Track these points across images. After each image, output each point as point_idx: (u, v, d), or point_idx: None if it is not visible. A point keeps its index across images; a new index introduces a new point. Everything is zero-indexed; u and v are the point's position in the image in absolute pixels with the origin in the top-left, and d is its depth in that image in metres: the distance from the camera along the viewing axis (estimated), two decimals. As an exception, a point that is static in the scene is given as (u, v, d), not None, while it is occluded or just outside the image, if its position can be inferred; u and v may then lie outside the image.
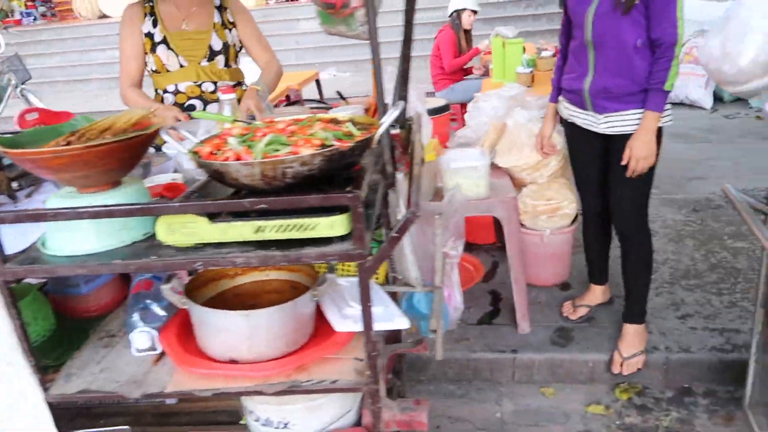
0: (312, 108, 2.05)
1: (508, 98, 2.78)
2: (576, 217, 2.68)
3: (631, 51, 2.04)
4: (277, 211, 1.14)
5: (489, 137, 2.64)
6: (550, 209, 2.63)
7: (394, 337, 1.81)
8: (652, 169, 2.14)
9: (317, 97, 6.23)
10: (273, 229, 1.14)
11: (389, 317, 1.47)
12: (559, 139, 2.46)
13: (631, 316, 2.34)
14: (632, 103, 2.10)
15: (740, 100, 5.49)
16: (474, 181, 2.29)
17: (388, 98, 1.71)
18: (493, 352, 2.41)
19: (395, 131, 1.86)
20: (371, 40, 1.59)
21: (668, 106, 2.10)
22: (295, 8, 10.15)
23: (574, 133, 2.31)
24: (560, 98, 2.32)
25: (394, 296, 1.75)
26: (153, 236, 1.19)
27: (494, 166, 2.61)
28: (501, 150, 2.62)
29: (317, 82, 5.95)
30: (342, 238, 1.16)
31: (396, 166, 1.96)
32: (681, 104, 5.66)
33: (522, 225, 2.73)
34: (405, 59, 1.62)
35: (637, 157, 2.09)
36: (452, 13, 5.38)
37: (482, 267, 2.70)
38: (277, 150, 1.10)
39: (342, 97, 2.75)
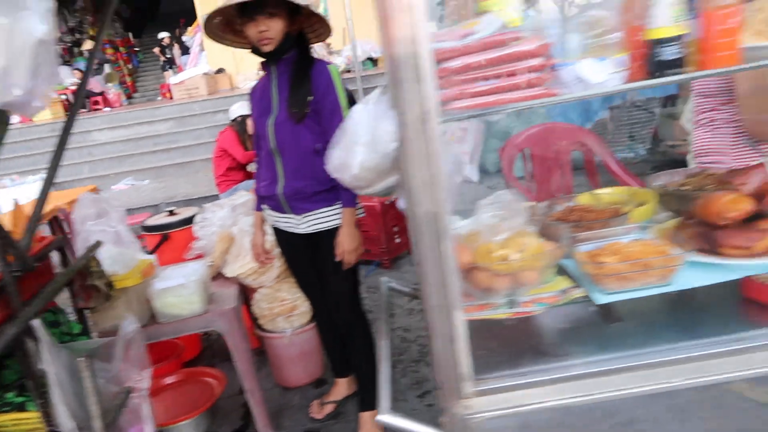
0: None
1: (237, 206, 2.82)
2: (316, 312, 2.72)
3: (311, 155, 2.19)
4: None
5: (217, 248, 2.64)
6: (287, 309, 2.65)
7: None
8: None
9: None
10: None
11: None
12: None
13: (366, 404, 2.39)
14: (324, 201, 2.23)
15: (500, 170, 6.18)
16: (186, 298, 2.24)
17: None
18: (235, 472, 2.30)
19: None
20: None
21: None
22: (87, 119, 9.76)
23: (281, 237, 2.39)
24: (263, 206, 2.40)
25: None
26: None
27: (223, 277, 2.60)
28: (229, 259, 2.62)
29: (96, 197, 5.62)
30: None
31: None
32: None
33: (263, 329, 2.72)
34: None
35: (347, 250, 2.21)
36: (236, 118, 5.54)
37: (224, 379, 2.62)
38: None
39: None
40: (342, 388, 2.62)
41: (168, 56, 14.43)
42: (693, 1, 0.99)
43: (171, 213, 3.54)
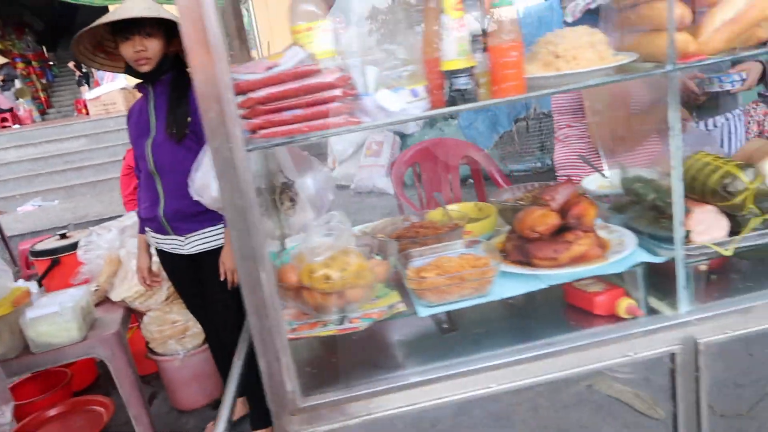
0: None
1: (125, 228, 2.77)
2: (211, 333, 2.70)
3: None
4: None
5: (104, 271, 2.58)
6: (178, 331, 2.62)
7: None
8: None
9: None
10: None
11: None
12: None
13: (256, 422, 2.39)
14: (206, 221, 2.22)
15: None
16: (61, 326, 2.17)
17: None
18: (121, 502, 2.25)
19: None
20: None
21: None
22: (-8, 138, 9.28)
23: (165, 259, 2.36)
24: (146, 228, 2.37)
25: None
26: None
27: (110, 301, 2.54)
28: (116, 282, 2.56)
29: (-5, 221, 5.34)
30: None
31: None
32: (371, 192, 6.31)
33: (155, 353, 2.67)
34: None
35: (230, 269, 2.20)
36: None
37: (113, 406, 2.55)
38: None
39: None
40: (237, 408, 2.59)
41: (84, 71, 13.90)
42: (481, 36, 1.07)
43: (63, 236, 3.42)
